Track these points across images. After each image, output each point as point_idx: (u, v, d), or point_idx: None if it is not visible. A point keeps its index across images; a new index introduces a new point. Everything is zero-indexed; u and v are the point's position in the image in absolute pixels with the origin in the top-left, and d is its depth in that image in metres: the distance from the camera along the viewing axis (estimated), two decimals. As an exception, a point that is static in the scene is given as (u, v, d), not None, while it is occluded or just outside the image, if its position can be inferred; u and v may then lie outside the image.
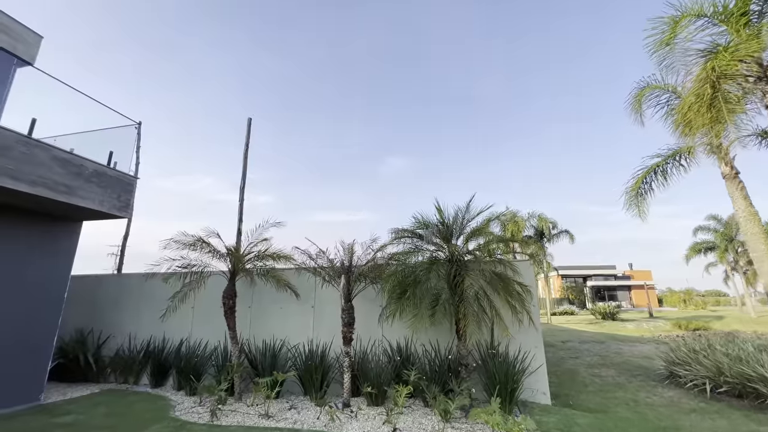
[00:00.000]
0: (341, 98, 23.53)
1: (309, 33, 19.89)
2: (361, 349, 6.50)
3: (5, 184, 4.87)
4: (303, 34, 19.98)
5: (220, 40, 19.31)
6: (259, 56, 20.61)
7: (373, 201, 25.52)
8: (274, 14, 18.82)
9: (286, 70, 21.32)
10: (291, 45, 20.37)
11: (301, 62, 21.04)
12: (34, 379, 5.98)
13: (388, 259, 6.03)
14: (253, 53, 20.55)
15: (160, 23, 19.87)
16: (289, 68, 21.33)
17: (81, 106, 6.56)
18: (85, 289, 8.66)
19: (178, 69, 20.84)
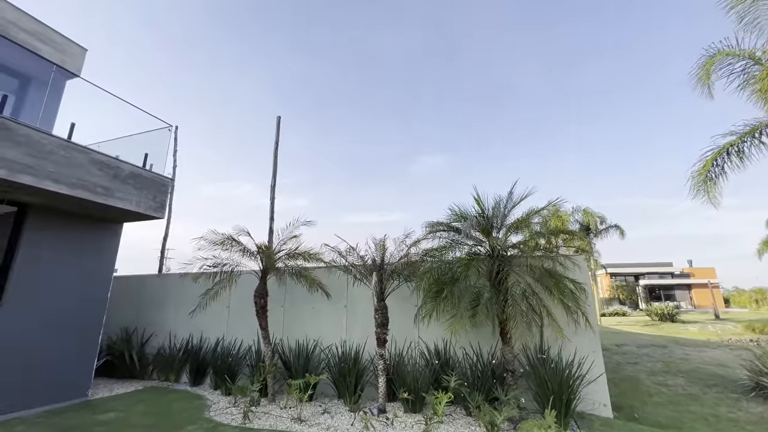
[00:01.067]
0: (371, 97, 23.42)
1: (337, 32, 19.90)
2: (397, 351, 6.14)
3: (47, 186, 5.01)
4: (332, 33, 20.04)
5: (255, 43, 19.83)
6: (291, 58, 20.94)
7: (406, 201, 25.15)
8: (303, 15, 19.02)
9: (316, 71, 21.51)
10: (320, 46, 20.51)
11: (330, 63, 21.13)
12: (82, 376, 6.18)
13: (423, 256, 5.62)
14: (284, 55, 20.92)
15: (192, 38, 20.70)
16: (320, 69, 21.48)
17: (117, 110, 6.77)
18: (130, 289, 9.00)
19: (215, 74, 21.68)
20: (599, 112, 28.66)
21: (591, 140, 41.10)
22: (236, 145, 27.89)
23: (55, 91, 7.96)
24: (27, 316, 5.52)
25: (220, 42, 20.36)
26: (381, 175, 25.86)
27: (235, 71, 22.14)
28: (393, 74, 22.70)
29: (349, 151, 25.35)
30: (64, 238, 6.08)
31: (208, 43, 20.43)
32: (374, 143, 24.84)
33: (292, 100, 23.07)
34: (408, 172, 23.79)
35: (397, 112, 23.88)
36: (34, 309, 5.59)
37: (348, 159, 25.86)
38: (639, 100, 35.52)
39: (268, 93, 24.80)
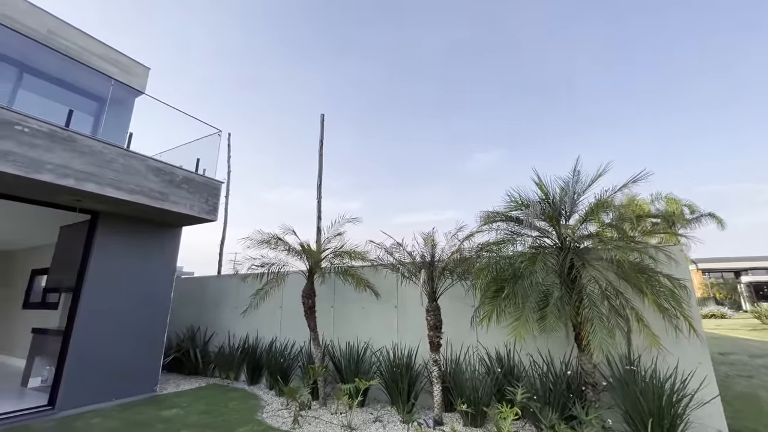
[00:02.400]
0: (420, 97, 22.85)
1: (384, 33, 19.67)
2: (453, 356, 5.60)
3: (109, 193, 5.30)
4: (380, 35, 19.84)
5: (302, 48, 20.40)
6: (338, 62, 21.17)
7: (459, 199, 24.08)
8: (351, 16, 19.09)
9: (363, 73, 21.53)
10: (367, 48, 20.45)
11: (377, 64, 20.98)
12: (150, 372, 6.53)
13: (478, 251, 5.02)
14: (331, 59, 21.21)
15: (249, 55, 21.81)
16: (367, 71, 21.45)
17: (174, 120, 7.13)
18: (193, 289, 9.51)
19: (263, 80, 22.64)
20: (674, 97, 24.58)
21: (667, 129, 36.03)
22: (288, 151, 29.04)
23: (125, 107, 8.66)
24: (100, 315, 5.92)
25: (267, 48, 21.21)
26: (433, 174, 25.09)
27: (282, 77, 22.96)
28: (442, 73, 21.89)
29: (399, 151, 25.03)
30: (129, 242, 6.47)
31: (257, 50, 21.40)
32: (425, 142, 24.20)
33: (341, 104, 23.36)
34: (461, 169, 22.77)
35: (447, 110, 23.00)
36: (105, 309, 5.99)
37: (399, 160, 25.56)
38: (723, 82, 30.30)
39: (316, 98, 25.40)
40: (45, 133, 4.73)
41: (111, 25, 17.43)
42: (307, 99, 24.82)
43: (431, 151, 25.11)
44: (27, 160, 4.51)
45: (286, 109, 24.35)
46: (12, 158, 4.39)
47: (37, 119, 4.69)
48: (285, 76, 22.10)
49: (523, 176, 5.78)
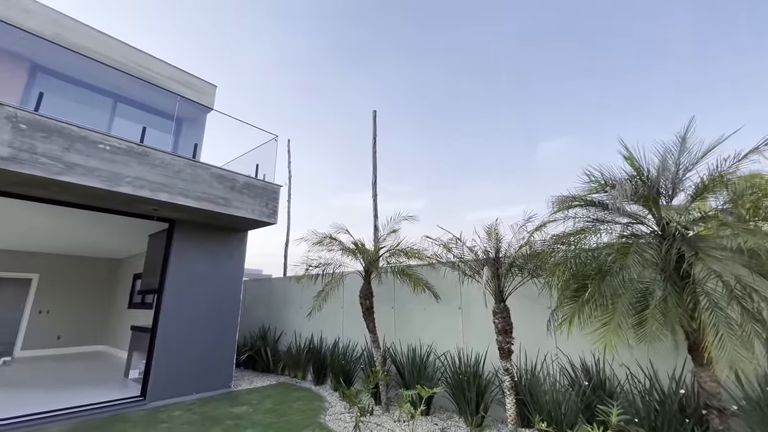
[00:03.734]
0: (483, 92, 21.67)
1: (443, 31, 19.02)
2: (527, 363, 4.93)
3: (179, 201, 5.68)
4: (440, 33, 19.23)
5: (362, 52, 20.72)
6: (397, 64, 21.02)
7: (528, 193, 22.18)
8: (412, 17, 18.83)
9: (422, 74, 21.07)
10: (428, 47, 19.96)
11: (436, 63, 20.33)
12: (224, 369, 6.91)
13: (553, 243, 4.31)
14: (391, 61, 21.13)
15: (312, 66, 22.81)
16: (424, 71, 20.93)
17: (236, 128, 7.54)
18: (263, 290, 9.99)
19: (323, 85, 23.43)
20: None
21: None
22: (352, 155, 29.70)
23: (199, 123, 9.41)
24: (179, 315, 6.41)
25: (326, 54, 21.87)
26: (500, 170, 23.53)
27: (343, 84, 23.50)
28: (503, 65, 20.42)
29: (463, 150, 24.02)
30: (202, 247, 6.92)
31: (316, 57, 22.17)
32: (490, 138, 22.84)
33: (404, 107, 23.19)
34: (528, 162, 20.91)
35: (511, 102, 21.41)
36: (183, 309, 6.47)
37: (462, 158, 24.54)
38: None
39: (380, 102, 25.55)
40: (123, 149, 5.21)
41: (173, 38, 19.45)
42: (369, 104, 25.08)
43: (496, 146, 23.62)
44: (109, 175, 4.99)
45: (348, 116, 24.87)
46: (97, 173, 4.89)
47: (116, 137, 5.19)
48: (345, 82, 22.57)
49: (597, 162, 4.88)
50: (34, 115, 4.51)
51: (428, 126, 24.27)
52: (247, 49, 21.70)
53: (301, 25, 20.84)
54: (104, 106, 8.42)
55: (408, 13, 18.82)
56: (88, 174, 4.80)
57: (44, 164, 4.45)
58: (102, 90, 8.36)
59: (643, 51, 15.67)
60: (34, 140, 4.44)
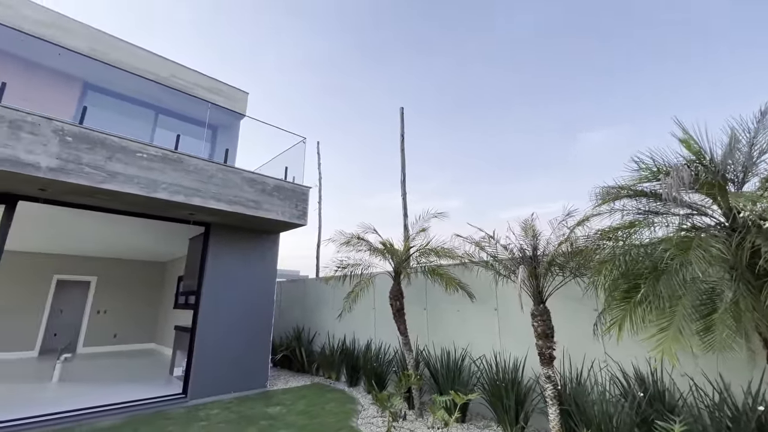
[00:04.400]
0: (518, 85, 20.71)
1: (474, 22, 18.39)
2: (572, 370, 4.54)
3: (212, 205, 5.84)
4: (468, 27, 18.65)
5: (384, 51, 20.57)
6: (427, 60, 20.65)
7: (567, 189, 20.70)
8: (437, 17, 18.45)
9: (453, 71, 20.52)
10: (454, 42, 19.42)
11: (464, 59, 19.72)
12: (260, 369, 7.03)
13: (599, 238, 3.92)
14: (417, 59, 20.82)
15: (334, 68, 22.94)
16: (456, 66, 20.39)
17: (263, 132, 7.69)
18: (297, 291, 10.13)
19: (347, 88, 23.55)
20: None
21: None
22: (383, 155, 29.63)
23: (233, 130, 9.74)
24: (215, 316, 6.60)
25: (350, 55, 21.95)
26: (538, 164, 22.39)
27: (368, 85, 23.50)
28: (537, 55, 19.41)
29: (501, 145, 23.12)
30: (236, 249, 7.10)
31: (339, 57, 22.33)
32: (527, 132, 21.81)
33: (432, 103, 22.79)
34: (567, 156, 19.62)
35: (549, 93, 20.28)
36: (219, 311, 6.66)
37: (501, 154, 23.61)
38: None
39: (406, 101, 25.36)
40: (159, 157, 5.43)
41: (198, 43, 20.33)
42: (395, 102, 24.93)
43: (535, 140, 22.48)
44: (147, 182, 5.21)
45: (375, 116, 24.87)
46: (136, 181, 5.13)
47: (152, 146, 5.42)
48: (369, 81, 22.58)
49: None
50: (78, 128, 4.80)
51: (460, 122, 23.64)
52: (268, 49, 22.30)
53: (322, 25, 21.05)
54: (147, 117, 8.93)
55: (431, 9, 18.44)
56: (128, 181, 5.04)
57: (88, 173, 4.72)
58: (145, 103, 8.87)
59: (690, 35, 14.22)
60: (80, 151, 4.72)
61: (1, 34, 6.83)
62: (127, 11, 17.12)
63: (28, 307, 10.42)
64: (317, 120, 24.79)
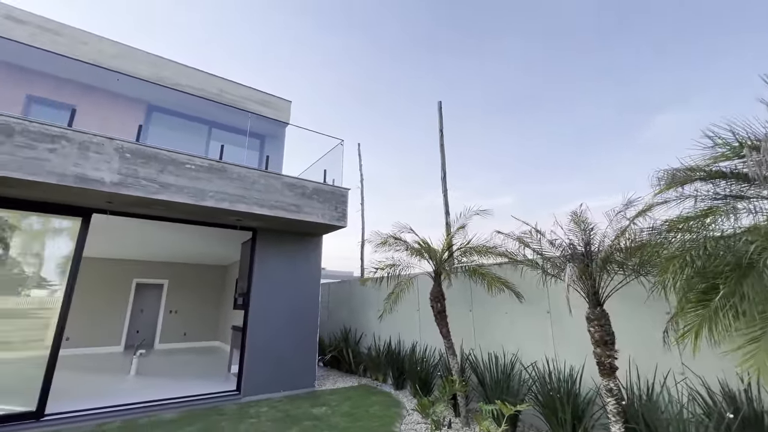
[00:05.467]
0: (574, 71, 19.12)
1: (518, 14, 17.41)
2: (641, 383, 3.96)
3: (255, 210, 6.08)
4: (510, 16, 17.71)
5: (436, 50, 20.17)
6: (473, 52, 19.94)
7: (636, 177, 18.42)
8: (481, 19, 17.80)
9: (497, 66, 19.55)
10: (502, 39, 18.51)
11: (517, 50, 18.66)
12: (307, 369, 7.18)
13: (667, 230, 3.35)
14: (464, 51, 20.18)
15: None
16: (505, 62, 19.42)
17: (304, 137, 7.90)
18: (343, 292, 10.25)
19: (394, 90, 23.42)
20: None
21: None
22: (428, 155, 29.22)
23: (279, 138, 10.16)
24: (264, 317, 6.86)
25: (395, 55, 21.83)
26: (602, 151, 20.43)
27: (411, 88, 23.29)
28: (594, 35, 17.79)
29: (558, 135, 21.58)
30: (281, 252, 7.34)
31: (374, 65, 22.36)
32: (589, 119, 20.08)
33: (480, 98, 21.98)
34: (641, 140, 17.52)
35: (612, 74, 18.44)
36: (267, 311, 6.91)
37: (558, 144, 22.00)
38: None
39: (454, 97, 24.73)
40: (206, 167, 5.77)
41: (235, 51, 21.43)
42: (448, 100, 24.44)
43: (598, 127, 20.60)
44: (195, 191, 5.57)
45: (420, 115, 24.63)
46: (186, 191, 5.49)
47: (199, 157, 5.78)
48: (409, 77, 22.39)
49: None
50: (135, 145, 5.27)
51: (511, 117, 22.45)
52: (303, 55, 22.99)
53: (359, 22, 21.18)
54: (202, 132, 9.65)
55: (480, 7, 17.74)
56: (178, 192, 5.42)
57: (144, 186, 5.15)
58: (199, 119, 9.59)
59: None
60: (136, 166, 5.17)
61: (82, 69, 7.81)
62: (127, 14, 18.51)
63: (114, 307, 11.80)
64: (359, 122, 25.15)
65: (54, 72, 7.85)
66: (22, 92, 7.65)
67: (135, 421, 5.23)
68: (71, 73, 7.85)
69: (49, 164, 4.60)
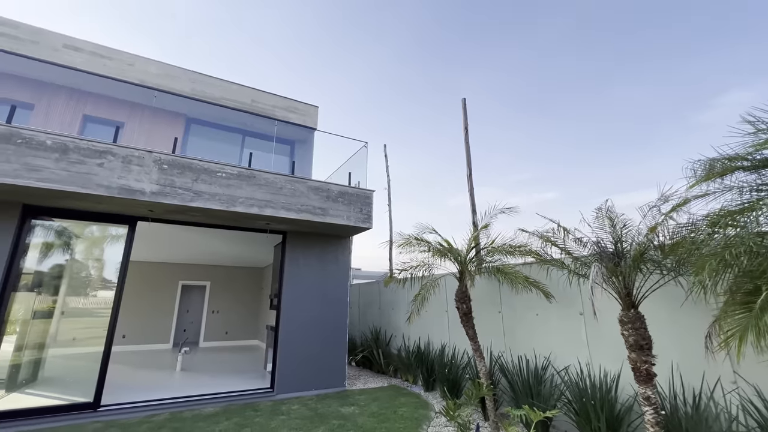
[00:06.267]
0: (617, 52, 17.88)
1: None
2: (686, 392, 3.65)
3: (282, 214, 6.30)
4: None
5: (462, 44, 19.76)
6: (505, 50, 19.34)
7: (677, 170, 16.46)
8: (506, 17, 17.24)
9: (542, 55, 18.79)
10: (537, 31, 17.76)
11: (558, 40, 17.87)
12: (337, 369, 7.31)
13: (709, 225, 3.06)
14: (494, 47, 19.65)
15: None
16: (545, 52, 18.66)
17: (331, 141, 8.05)
18: (373, 293, 10.32)
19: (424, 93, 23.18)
20: None
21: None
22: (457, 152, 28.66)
23: (308, 144, 10.46)
24: (295, 317, 7.08)
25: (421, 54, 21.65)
26: (656, 139, 18.91)
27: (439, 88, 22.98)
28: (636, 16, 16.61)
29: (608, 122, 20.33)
30: (310, 254, 7.54)
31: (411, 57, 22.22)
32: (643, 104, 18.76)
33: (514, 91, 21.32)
34: (700, 124, 15.86)
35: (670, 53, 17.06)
36: (297, 312, 7.12)
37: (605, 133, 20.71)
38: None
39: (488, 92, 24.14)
40: (235, 175, 6.07)
41: None
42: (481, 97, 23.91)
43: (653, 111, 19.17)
44: (226, 197, 5.87)
45: (456, 112, 24.39)
46: (218, 198, 5.81)
47: (230, 165, 6.08)
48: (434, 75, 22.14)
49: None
50: (171, 157, 5.65)
51: (551, 107, 21.49)
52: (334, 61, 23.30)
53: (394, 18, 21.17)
54: (236, 140, 10.15)
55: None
56: (211, 199, 5.74)
57: (180, 194, 5.51)
58: (233, 128, 10.10)
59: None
60: (173, 176, 5.55)
61: (130, 89, 8.52)
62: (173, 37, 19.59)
63: (164, 307, 12.71)
64: (388, 122, 25.21)
65: (106, 92, 8.61)
66: (80, 113, 8.47)
67: (180, 414, 5.60)
68: (120, 92, 8.58)
69: (98, 177, 5.05)
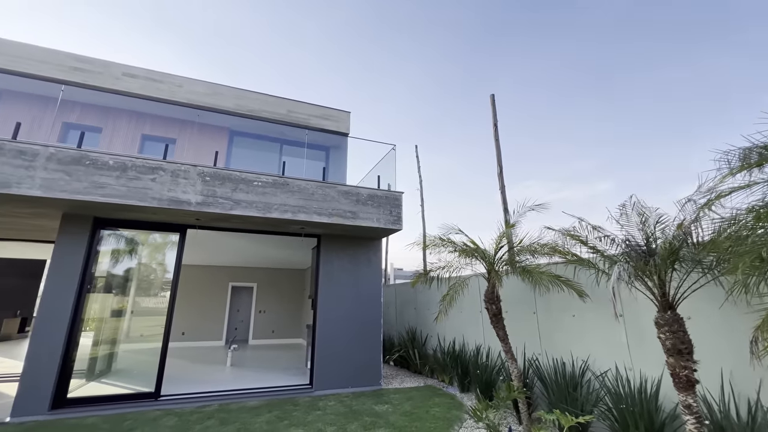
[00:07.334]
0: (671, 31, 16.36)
1: None
2: (738, 401, 3.34)
3: (315, 219, 6.60)
4: None
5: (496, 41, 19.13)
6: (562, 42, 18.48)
7: None
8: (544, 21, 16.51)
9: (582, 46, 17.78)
10: None
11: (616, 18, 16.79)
12: (372, 367, 7.48)
13: (751, 220, 2.80)
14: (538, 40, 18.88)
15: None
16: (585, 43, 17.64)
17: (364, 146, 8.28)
18: (408, 293, 10.39)
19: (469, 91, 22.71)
20: None
21: None
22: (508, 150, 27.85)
23: (342, 149, 10.81)
24: (330, 316, 7.37)
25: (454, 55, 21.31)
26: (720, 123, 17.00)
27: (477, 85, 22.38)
28: None
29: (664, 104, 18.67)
30: (342, 256, 7.80)
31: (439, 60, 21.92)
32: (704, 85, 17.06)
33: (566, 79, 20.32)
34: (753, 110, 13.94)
35: None
36: (332, 311, 7.40)
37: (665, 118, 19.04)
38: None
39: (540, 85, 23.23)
40: (270, 183, 6.47)
41: None
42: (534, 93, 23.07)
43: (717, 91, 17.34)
44: (262, 205, 6.28)
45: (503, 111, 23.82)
46: (255, 205, 6.23)
47: (265, 174, 6.49)
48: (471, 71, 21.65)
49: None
50: (213, 169, 6.16)
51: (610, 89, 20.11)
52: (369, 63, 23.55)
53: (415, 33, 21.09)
54: (274, 149, 10.74)
55: None
56: (249, 206, 6.18)
57: (221, 203, 5.99)
58: (272, 138, 10.70)
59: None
60: (215, 187, 6.05)
61: (179, 109, 9.38)
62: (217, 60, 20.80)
63: (217, 307, 13.74)
64: (424, 122, 25.07)
65: (160, 113, 9.54)
66: (139, 132, 9.46)
67: (227, 406, 6.08)
68: (172, 112, 9.46)
69: (151, 191, 5.66)
